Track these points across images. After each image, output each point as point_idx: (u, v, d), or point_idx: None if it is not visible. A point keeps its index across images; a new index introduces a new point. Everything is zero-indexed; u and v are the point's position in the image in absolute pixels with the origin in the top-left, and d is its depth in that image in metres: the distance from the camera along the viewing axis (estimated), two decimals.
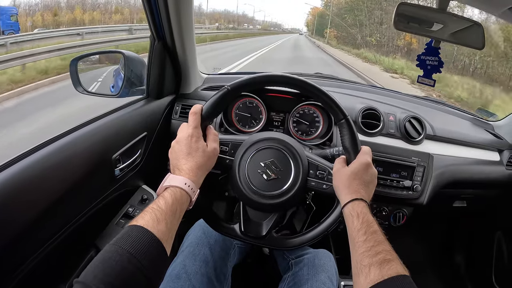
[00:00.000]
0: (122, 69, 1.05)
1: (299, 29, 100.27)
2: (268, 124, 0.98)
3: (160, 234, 0.45)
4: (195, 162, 0.57)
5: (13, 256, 0.55)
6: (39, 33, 8.68)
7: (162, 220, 0.46)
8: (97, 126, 0.77)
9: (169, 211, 0.48)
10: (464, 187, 1.03)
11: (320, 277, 0.72)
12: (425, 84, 0.76)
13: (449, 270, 1.33)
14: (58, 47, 6.03)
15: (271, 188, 0.64)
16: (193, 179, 0.55)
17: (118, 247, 0.41)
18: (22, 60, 4.87)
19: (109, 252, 0.41)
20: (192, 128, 0.59)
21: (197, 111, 0.61)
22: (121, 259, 0.40)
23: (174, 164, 0.58)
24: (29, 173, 0.58)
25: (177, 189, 0.52)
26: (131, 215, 0.86)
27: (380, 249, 0.47)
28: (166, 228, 0.46)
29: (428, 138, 0.96)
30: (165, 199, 0.50)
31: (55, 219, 0.63)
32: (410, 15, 0.81)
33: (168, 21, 0.84)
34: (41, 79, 4.85)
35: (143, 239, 0.43)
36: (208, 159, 0.59)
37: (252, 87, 0.68)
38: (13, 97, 4.24)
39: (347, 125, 0.63)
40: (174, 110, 1.00)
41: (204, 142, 0.60)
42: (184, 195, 0.53)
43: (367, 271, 0.45)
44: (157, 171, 0.95)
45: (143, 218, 0.46)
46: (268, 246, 0.69)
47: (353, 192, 0.57)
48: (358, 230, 0.51)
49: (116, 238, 0.43)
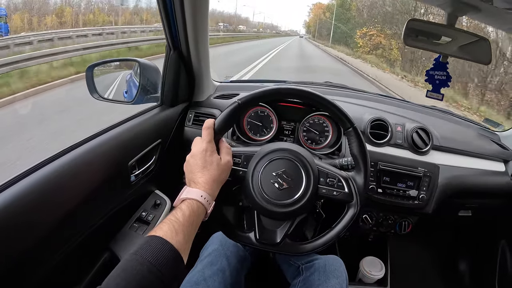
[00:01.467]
0: (135, 76, 1.08)
1: (297, 31, 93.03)
2: (279, 133, 1.00)
3: (178, 245, 0.47)
4: (210, 175, 0.59)
5: (32, 260, 0.57)
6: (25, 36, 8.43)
7: (180, 231, 0.48)
8: (115, 134, 0.79)
9: (186, 223, 0.51)
10: (469, 197, 1.04)
11: (331, 283, 0.74)
12: (433, 98, 0.78)
13: (453, 277, 1.35)
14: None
15: (283, 197, 0.66)
16: (208, 191, 0.57)
17: (139, 256, 0.43)
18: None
19: (131, 261, 0.43)
20: (206, 142, 0.62)
21: (210, 126, 0.63)
22: (142, 268, 0.42)
23: (190, 177, 0.60)
24: (49, 181, 0.60)
25: (194, 201, 0.54)
26: (144, 219, 0.88)
27: None
28: (183, 239, 0.48)
29: (435, 149, 0.98)
30: (182, 211, 0.52)
31: (74, 223, 0.65)
32: (419, 29, 0.83)
33: (184, 31, 0.87)
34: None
35: (162, 249, 0.45)
36: (222, 172, 0.62)
37: (262, 100, 0.71)
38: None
39: (355, 133, 0.66)
40: (187, 118, 1.03)
41: (218, 156, 0.62)
42: (201, 207, 0.55)
43: None
44: (169, 177, 0.98)
45: (161, 229, 0.48)
46: (282, 252, 0.71)
47: None
48: None
49: (137, 248, 0.45)
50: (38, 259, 0.59)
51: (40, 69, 5.28)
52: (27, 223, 0.55)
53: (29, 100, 4.39)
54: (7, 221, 0.52)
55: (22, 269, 0.56)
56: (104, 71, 1.08)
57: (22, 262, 0.55)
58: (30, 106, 4.26)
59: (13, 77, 4.68)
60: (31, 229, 0.56)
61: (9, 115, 4.00)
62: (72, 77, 5.27)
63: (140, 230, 0.86)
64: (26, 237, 0.55)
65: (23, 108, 4.14)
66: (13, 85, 4.51)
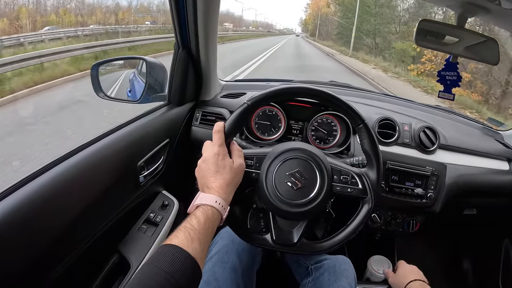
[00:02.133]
0: (139, 74, 1.06)
1: (293, 30, 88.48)
2: (287, 132, 1.00)
3: (194, 253, 0.46)
4: (223, 179, 0.58)
5: (41, 264, 0.56)
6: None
7: (195, 238, 0.48)
8: (123, 134, 0.78)
9: (202, 230, 0.50)
10: (474, 195, 1.05)
11: (341, 283, 0.74)
12: (445, 98, 0.78)
13: (457, 276, 1.36)
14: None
15: (299, 197, 0.66)
16: (223, 196, 0.56)
17: (155, 266, 0.43)
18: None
19: (147, 271, 0.43)
20: (218, 146, 0.60)
21: (220, 129, 0.62)
22: (159, 279, 0.41)
23: (203, 182, 0.59)
24: (58, 182, 0.59)
25: (209, 207, 0.54)
26: (152, 220, 0.87)
27: None
28: (199, 246, 0.48)
29: (442, 148, 0.99)
30: (197, 218, 0.51)
31: (82, 227, 0.64)
32: (429, 29, 0.84)
33: (195, 29, 0.86)
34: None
35: (178, 258, 0.44)
36: (235, 175, 0.60)
37: (271, 100, 0.70)
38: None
39: (366, 129, 0.67)
40: (194, 117, 1.02)
41: (230, 159, 0.61)
42: (216, 213, 0.54)
43: None
44: (177, 177, 0.97)
45: (177, 237, 0.47)
46: (300, 253, 0.70)
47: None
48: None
49: (152, 257, 0.45)
50: (48, 263, 0.58)
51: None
52: (36, 227, 0.54)
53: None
54: (16, 225, 0.51)
55: (32, 274, 0.55)
56: (108, 70, 1.07)
57: (32, 267, 0.54)
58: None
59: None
60: (41, 232, 0.55)
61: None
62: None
63: (148, 231, 0.85)
64: (36, 241, 0.54)
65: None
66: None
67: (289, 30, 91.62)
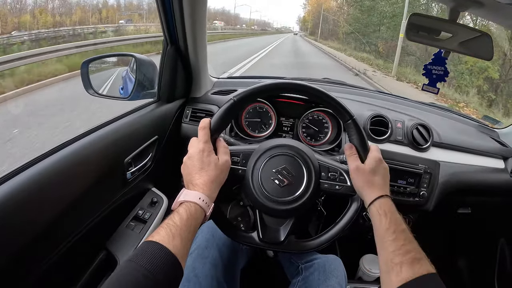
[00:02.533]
0: (131, 72, 1.06)
1: (291, 28, 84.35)
2: (278, 129, 0.99)
3: (175, 250, 0.46)
4: (208, 176, 0.57)
5: (26, 259, 0.56)
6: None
7: (177, 235, 0.47)
8: (110, 130, 0.77)
9: (184, 227, 0.49)
10: (468, 194, 1.04)
11: (330, 283, 0.73)
12: (429, 91, 0.77)
13: (452, 275, 1.35)
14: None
15: (285, 194, 0.65)
16: (207, 193, 0.56)
17: (135, 263, 0.42)
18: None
19: (126, 268, 0.42)
20: (203, 142, 0.60)
21: (206, 126, 0.62)
22: (137, 275, 0.41)
23: (188, 179, 0.58)
24: (43, 178, 0.58)
25: (192, 204, 0.53)
26: (141, 217, 0.87)
27: (410, 248, 0.49)
28: (181, 243, 0.47)
29: (435, 145, 0.97)
30: (180, 215, 0.51)
31: (68, 223, 0.64)
32: (421, 24, 0.82)
33: (182, 25, 0.85)
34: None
35: (158, 254, 0.44)
36: (221, 172, 0.60)
37: (258, 96, 0.69)
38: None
39: (354, 125, 0.65)
40: (184, 114, 1.01)
41: (216, 156, 0.61)
42: (199, 210, 0.53)
43: (399, 269, 0.47)
44: (167, 174, 0.96)
45: (158, 233, 0.47)
46: (287, 251, 0.70)
47: (378, 190, 0.59)
48: (387, 229, 0.53)
49: (133, 254, 0.44)
50: (32, 258, 0.57)
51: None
52: (19, 222, 0.54)
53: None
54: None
55: (16, 269, 0.54)
56: (100, 68, 1.06)
57: (15, 261, 0.54)
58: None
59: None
60: (24, 227, 0.55)
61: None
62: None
63: (136, 228, 0.85)
64: (19, 235, 0.54)
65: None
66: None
67: (286, 29, 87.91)
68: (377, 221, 0.56)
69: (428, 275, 0.45)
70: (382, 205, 0.57)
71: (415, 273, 0.45)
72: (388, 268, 0.49)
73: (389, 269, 0.48)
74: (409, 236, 0.52)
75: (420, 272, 0.45)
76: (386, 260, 0.50)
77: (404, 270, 0.46)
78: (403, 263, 0.47)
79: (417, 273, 0.45)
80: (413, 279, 0.45)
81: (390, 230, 0.52)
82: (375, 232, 0.56)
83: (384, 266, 0.50)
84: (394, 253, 0.49)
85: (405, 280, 0.45)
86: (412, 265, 0.46)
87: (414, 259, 0.47)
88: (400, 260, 0.48)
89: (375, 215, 0.57)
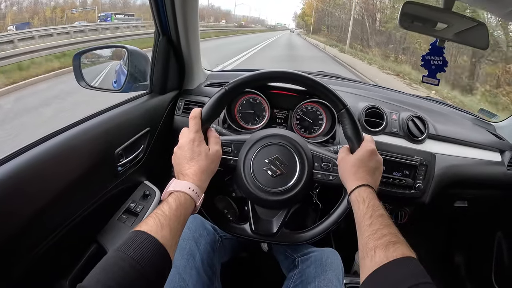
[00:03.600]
0: (124, 64, 1.05)
1: (286, 25, 77.79)
2: (271, 121, 0.98)
3: (163, 240, 0.45)
4: (198, 166, 0.57)
5: (14, 251, 0.55)
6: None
7: (166, 225, 0.47)
8: (100, 121, 0.76)
9: (173, 216, 0.49)
10: (465, 187, 1.03)
11: (327, 276, 0.72)
12: (429, 83, 0.76)
13: (449, 268, 1.34)
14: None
15: (277, 185, 0.65)
16: (197, 183, 0.55)
17: (122, 252, 0.42)
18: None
19: (112, 258, 0.41)
20: (193, 132, 0.59)
21: (196, 115, 0.61)
22: (124, 264, 0.40)
23: (178, 169, 0.58)
24: (30, 167, 0.57)
25: (181, 194, 0.52)
26: (133, 210, 0.86)
27: (386, 232, 0.47)
28: (169, 233, 0.47)
29: (431, 138, 0.97)
30: (169, 204, 0.50)
31: (56, 214, 0.63)
32: (415, 14, 0.81)
33: (173, 15, 0.84)
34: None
35: (146, 244, 0.43)
36: (211, 162, 0.59)
37: (250, 85, 0.68)
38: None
39: (348, 114, 0.64)
40: (177, 106, 1.00)
41: (206, 146, 0.60)
42: (189, 200, 0.53)
43: (373, 254, 0.45)
44: (159, 167, 0.95)
45: (147, 223, 0.46)
46: (280, 243, 0.68)
47: (359, 179, 0.58)
48: (364, 214, 0.52)
49: (120, 243, 0.43)
50: (19, 249, 0.56)
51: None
52: (6, 211, 0.53)
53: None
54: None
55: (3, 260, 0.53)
56: (94, 61, 1.06)
57: (1, 252, 0.52)
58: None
59: None
60: (11, 217, 0.54)
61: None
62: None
63: (128, 221, 0.84)
64: (5, 226, 0.53)
65: None
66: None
67: (282, 26, 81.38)
68: (356, 208, 0.55)
69: (402, 258, 0.43)
70: (362, 192, 0.56)
71: (388, 256, 0.43)
72: (364, 253, 0.47)
73: (364, 254, 0.47)
74: (386, 221, 0.50)
75: (394, 256, 0.43)
76: (362, 246, 0.48)
77: (377, 254, 0.44)
78: (377, 247, 0.45)
79: (391, 256, 0.43)
80: (386, 263, 0.43)
81: (367, 215, 0.51)
82: (355, 220, 0.54)
83: (361, 252, 0.48)
84: (369, 238, 0.48)
85: (379, 264, 0.43)
86: (386, 249, 0.44)
87: (389, 243, 0.45)
88: (374, 245, 0.46)
89: (354, 202, 0.56)
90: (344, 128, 0.65)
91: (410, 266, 0.42)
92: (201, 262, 0.71)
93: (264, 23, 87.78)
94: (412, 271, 0.41)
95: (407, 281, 0.40)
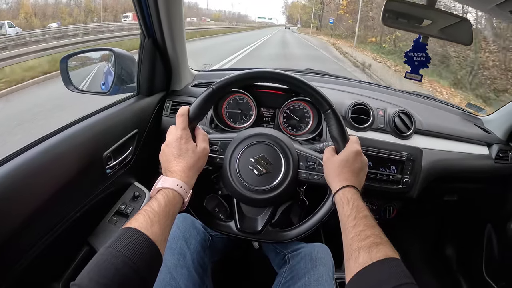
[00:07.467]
0: (111, 67, 1.05)
1: (273, 21, 62.76)
2: (259, 120, 0.98)
3: (153, 236, 0.46)
4: (186, 163, 0.58)
5: (5, 255, 0.56)
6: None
7: (155, 221, 0.47)
8: (88, 124, 0.77)
9: (162, 213, 0.49)
10: (454, 181, 1.04)
11: (318, 270, 0.73)
12: (412, 79, 0.77)
13: (440, 262, 1.36)
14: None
15: (263, 183, 0.66)
16: (185, 180, 0.56)
17: (113, 249, 0.42)
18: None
19: (104, 255, 0.42)
20: (181, 130, 0.60)
21: (184, 113, 0.62)
22: (116, 261, 0.41)
23: (166, 166, 0.59)
24: (19, 173, 0.58)
25: (170, 191, 0.53)
26: (123, 212, 0.86)
27: (369, 233, 0.48)
28: (159, 229, 0.47)
29: (418, 133, 0.97)
30: (158, 201, 0.51)
31: (46, 217, 0.63)
32: (399, 11, 0.82)
33: (158, 17, 0.84)
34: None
35: (137, 241, 0.44)
36: (198, 159, 0.60)
37: (237, 84, 0.69)
38: None
39: (334, 115, 0.65)
40: (164, 107, 1.00)
41: (194, 143, 0.61)
42: (177, 196, 0.54)
43: (356, 255, 0.46)
44: (148, 168, 0.96)
45: (136, 220, 0.47)
46: (265, 241, 0.70)
47: (344, 180, 0.59)
48: (348, 215, 0.52)
49: (111, 240, 0.44)
50: (10, 253, 0.57)
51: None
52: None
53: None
54: None
55: None
56: (82, 64, 1.05)
57: None
58: None
59: None
60: (1, 223, 0.54)
61: None
62: None
63: (119, 223, 0.85)
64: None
65: None
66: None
67: (270, 22, 62.11)
68: (340, 209, 0.55)
69: (385, 259, 0.43)
70: (346, 193, 0.56)
71: (372, 257, 0.44)
72: (348, 255, 0.48)
73: (348, 256, 0.47)
74: (370, 222, 0.51)
75: (378, 257, 0.44)
76: (346, 247, 0.49)
77: (361, 255, 0.45)
78: (361, 249, 0.46)
79: (374, 257, 0.44)
80: (369, 264, 0.43)
81: (351, 217, 0.52)
82: (340, 221, 0.55)
83: (346, 254, 0.49)
84: (353, 239, 0.48)
85: (362, 265, 0.44)
86: (369, 250, 0.45)
87: (372, 244, 0.46)
88: (358, 246, 0.47)
89: (338, 203, 0.57)
90: (329, 129, 0.66)
91: (393, 267, 0.43)
92: (192, 261, 0.72)
93: (246, 19, 73.43)
94: (395, 272, 0.42)
95: (390, 282, 0.41)
